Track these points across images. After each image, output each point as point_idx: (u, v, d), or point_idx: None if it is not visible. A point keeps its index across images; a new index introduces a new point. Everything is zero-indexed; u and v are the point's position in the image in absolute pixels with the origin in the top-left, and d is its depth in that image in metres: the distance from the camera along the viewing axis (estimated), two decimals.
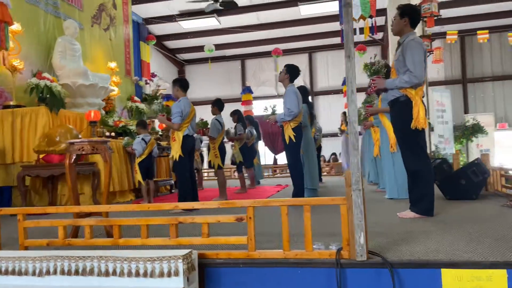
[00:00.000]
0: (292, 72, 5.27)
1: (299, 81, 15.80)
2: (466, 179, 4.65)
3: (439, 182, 4.91)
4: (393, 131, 3.92)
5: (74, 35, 7.80)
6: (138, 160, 6.26)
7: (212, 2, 9.95)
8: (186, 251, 2.39)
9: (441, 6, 8.77)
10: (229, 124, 7.44)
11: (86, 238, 2.71)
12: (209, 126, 6.58)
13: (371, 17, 3.78)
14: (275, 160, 15.44)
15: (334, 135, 14.00)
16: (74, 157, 3.37)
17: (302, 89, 5.82)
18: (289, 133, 5.04)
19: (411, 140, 3.60)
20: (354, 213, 2.32)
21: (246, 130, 7.63)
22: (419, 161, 3.62)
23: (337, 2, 11.87)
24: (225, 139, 6.73)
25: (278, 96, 16.24)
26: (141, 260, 2.34)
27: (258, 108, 14.75)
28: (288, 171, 12.95)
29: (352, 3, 3.73)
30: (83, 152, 3.39)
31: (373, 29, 3.68)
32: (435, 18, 8.01)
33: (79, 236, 3.35)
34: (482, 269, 2.16)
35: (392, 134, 4.92)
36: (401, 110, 3.62)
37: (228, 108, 16.47)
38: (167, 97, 12.18)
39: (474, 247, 2.50)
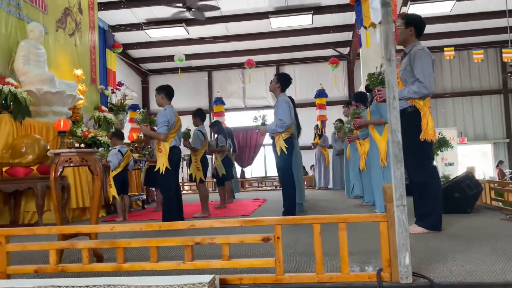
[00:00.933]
0: (283, 81, 5.08)
1: (267, 93, 15.76)
2: (460, 192, 4.61)
3: None
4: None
5: (39, 39, 7.25)
6: (113, 173, 5.82)
7: (183, 10, 9.64)
8: (209, 276, 2.09)
9: None
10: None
11: (83, 263, 2.34)
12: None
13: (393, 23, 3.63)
14: (242, 173, 15.15)
15: (303, 148, 13.92)
16: (60, 170, 2.98)
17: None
18: (280, 144, 4.82)
19: (420, 152, 3.48)
20: (398, 231, 2.11)
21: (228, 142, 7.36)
22: (428, 174, 3.51)
23: (309, 16, 12.02)
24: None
25: (246, 108, 16.06)
26: None
27: (228, 122, 14.49)
28: (256, 184, 12.70)
29: (372, 6, 3.63)
30: (71, 165, 3.00)
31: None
32: None
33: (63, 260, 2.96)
34: None
35: (382, 148, 4.81)
36: (409, 121, 3.49)
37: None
38: (133, 107, 11.70)
39: (510, 265, 2.36)
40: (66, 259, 3.06)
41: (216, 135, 7.06)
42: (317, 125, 11.05)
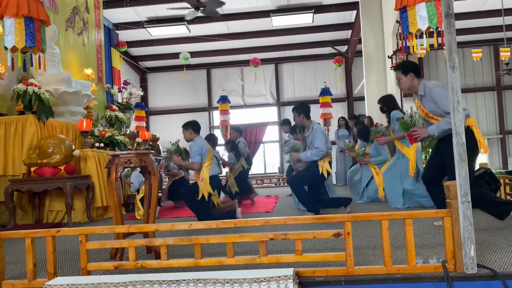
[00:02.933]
0: (304, 110, 5.18)
1: (266, 91, 15.86)
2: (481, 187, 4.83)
3: None
4: (445, 160, 3.80)
5: (54, 39, 7.27)
6: (139, 196, 5.90)
7: (193, 10, 9.70)
8: (291, 270, 2.25)
9: None
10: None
11: (162, 259, 2.47)
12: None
13: (437, 28, 3.80)
14: None
15: None
16: (120, 170, 3.09)
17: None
18: (326, 166, 4.98)
19: (470, 166, 3.61)
20: (463, 226, 2.30)
21: (239, 142, 7.46)
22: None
23: (310, 15, 12.19)
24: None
25: (245, 106, 16.17)
26: (246, 282, 2.16)
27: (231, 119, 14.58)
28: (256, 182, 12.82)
29: (419, 14, 3.80)
30: (131, 165, 3.12)
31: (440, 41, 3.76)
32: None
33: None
34: None
35: (412, 158, 4.99)
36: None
37: (193, 118, 16.14)
38: (138, 106, 11.74)
39: None
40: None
41: (228, 153, 7.18)
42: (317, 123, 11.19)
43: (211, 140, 6.06)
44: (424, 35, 3.96)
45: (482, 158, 15.81)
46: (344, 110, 15.76)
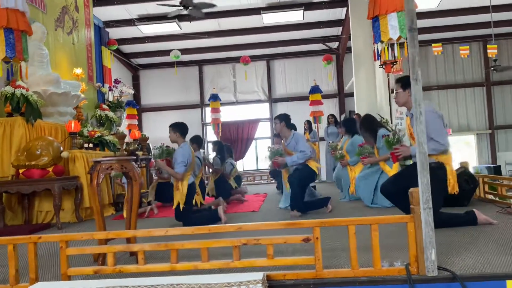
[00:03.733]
0: (285, 118, 5.34)
1: (258, 87, 15.95)
2: (459, 187, 4.95)
3: None
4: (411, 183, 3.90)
5: (42, 40, 7.32)
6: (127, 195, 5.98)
7: (181, 8, 9.74)
8: (261, 274, 2.36)
9: None
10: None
11: (139, 264, 2.58)
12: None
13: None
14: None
15: None
16: (102, 177, 3.19)
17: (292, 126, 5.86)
18: (315, 164, 5.20)
19: (436, 202, 3.71)
20: (425, 231, 2.41)
21: (226, 162, 7.51)
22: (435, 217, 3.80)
23: (300, 12, 12.26)
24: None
25: (237, 102, 16.25)
26: (217, 286, 2.27)
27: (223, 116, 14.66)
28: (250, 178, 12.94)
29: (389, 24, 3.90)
30: (112, 171, 3.22)
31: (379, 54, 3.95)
32: None
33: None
34: None
35: None
36: (433, 175, 3.57)
37: (185, 115, 16.25)
38: (129, 104, 11.80)
39: None
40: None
41: (214, 154, 7.24)
42: (307, 121, 11.31)
43: (197, 142, 6.15)
44: (395, 44, 4.05)
45: (464, 156, 16.03)
46: (336, 106, 15.89)
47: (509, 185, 4.98)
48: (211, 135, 15.87)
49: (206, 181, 7.73)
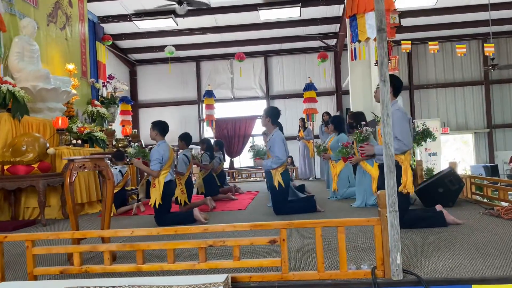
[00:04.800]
0: (272, 114, 5.27)
1: (255, 84, 15.91)
2: (444, 187, 4.94)
3: (417, 191, 5.17)
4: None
5: (33, 35, 7.30)
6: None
7: (174, 3, 9.70)
8: (223, 276, 2.34)
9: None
10: None
11: (105, 264, 2.56)
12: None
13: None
14: (231, 163, 15.38)
15: (288, 138, 14.21)
16: (75, 175, 3.17)
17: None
18: (278, 179, 5.07)
19: (398, 201, 3.69)
20: (391, 234, 2.39)
21: (216, 157, 7.49)
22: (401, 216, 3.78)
23: (297, 9, 12.19)
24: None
25: (235, 99, 16.21)
26: None
27: (216, 112, 14.62)
28: (246, 175, 12.92)
29: (368, 23, 3.85)
30: (85, 170, 3.19)
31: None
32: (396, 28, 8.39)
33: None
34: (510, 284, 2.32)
35: (375, 176, 5.06)
36: None
37: (182, 111, 16.20)
38: (124, 100, 11.78)
39: (491, 261, 2.66)
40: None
41: (202, 152, 7.20)
42: (302, 118, 11.27)
43: (185, 139, 6.12)
44: (373, 43, 4.00)
45: (462, 155, 15.99)
46: (333, 103, 15.83)
47: (494, 186, 4.94)
48: (208, 131, 15.85)
49: (194, 179, 7.70)
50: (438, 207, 3.97)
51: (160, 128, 4.93)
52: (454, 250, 2.98)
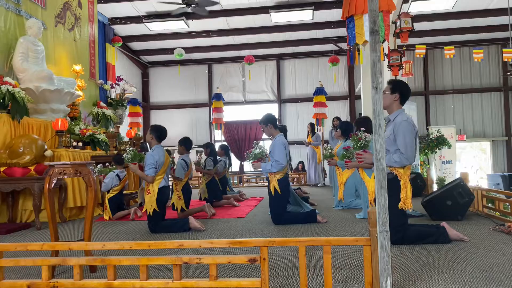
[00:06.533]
0: (271, 120, 5.10)
1: (267, 87, 15.74)
2: (452, 200, 4.67)
3: (425, 202, 4.91)
4: None
5: (38, 35, 7.26)
6: (108, 195, 5.88)
7: (184, 6, 9.60)
8: None
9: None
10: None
11: (75, 279, 2.40)
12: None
13: (384, 41, 3.63)
14: (241, 167, 15.23)
15: (300, 143, 14.01)
16: (54, 181, 3.03)
17: (281, 128, 5.61)
18: (274, 184, 4.88)
19: (396, 216, 3.46)
20: (381, 257, 2.17)
21: (220, 161, 7.32)
22: (399, 234, 3.55)
23: (310, 11, 11.98)
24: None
25: (246, 102, 16.06)
26: None
27: (227, 116, 14.50)
28: (255, 180, 12.73)
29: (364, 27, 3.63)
30: (65, 176, 3.05)
31: (386, 54, 3.64)
32: (409, 32, 8.12)
33: (56, 274, 3.03)
34: None
35: (371, 189, 4.83)
36: (388, 188, 3.32)
37: (194, 113, 16.13)
38: (133, 102, 11.73)
39: (494, 287, 2.42)
40: (60, 270, 3.14)
41: (206, 157, 7.03)
42: (310, 123, 11.02)
43: (185, 144, 5.96)
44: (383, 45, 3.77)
45: (472, 164, 15.48)
46: (346, 108, 15.53)
47: (507, 200, 4.64)
48: (219, 134, 15.73)
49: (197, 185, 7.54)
50: (442, 224, 3.72)
51: (157, 133, 4.78)
52: (455, 272, 2.74)
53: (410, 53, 13.22)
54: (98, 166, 6.06)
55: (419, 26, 11.24)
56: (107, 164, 6.35)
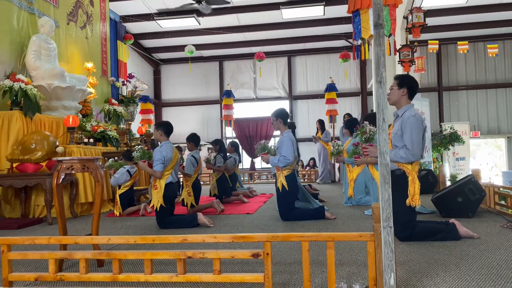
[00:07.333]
0: (282, 115, 5.08)
1: (278, 84, 15.70)
2: (463, 196, 4.60)
3: (435, 199, 4.85)
4: None
5: (50, 33, 7.34)
6: (119, 191, 5.94)
7: (193, 2, 9.62)
8: None
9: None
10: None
11: (81, 272, 2.43)
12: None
13: (390, 35, 3.58)
14: (252, 164, 15.23)
15: (311, 140, 13.95)
16: (62, 177, 3.07)
17: (289, 125, 5.58)
18: (282, 180, 4.86)
19: (403, 212, 3.43)
20: (384, 252, 2.15)
21: (230, 158, 7.34)
22: (408, 231, 3.51)
23: (321, 7, 11.90)
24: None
25: (257, 99, 16.05)
26: None
27: (238, 113, 14.53)
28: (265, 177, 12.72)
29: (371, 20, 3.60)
30: (73, 171, 3.09)
31: (398, 50, 3.58)
32: (421, 27, 8.01)
33: (65, 268, 3.07)
34: None
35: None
36: (396, 183, 3.02)
37: (205, 110, 16.18)
38: (144, 99, 11.81)
39: (502, 285, 2.38)
40: (69, 264, 3.18)
41: (215, 154, 7.04)
42: (319, 120, 10.94)
43: (193, 140, 5.99)
44: (393, 39, 3.72)
45: (488, 161, 15.23)
46: (358, 105, 15.43)
47: None
48: (229, 131, 15.76)
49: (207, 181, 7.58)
50: (452, 221, 3.67)
51: (164, 128, 4.82)
52: (463, 269, 2.70)
53: (423, 49, 13.06)
54: (110, 160, 6.12)
55: (431, 21, 11.08)
56: (116, 158, 6.40)
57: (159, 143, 4.88)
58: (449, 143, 11.31)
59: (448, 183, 7.49)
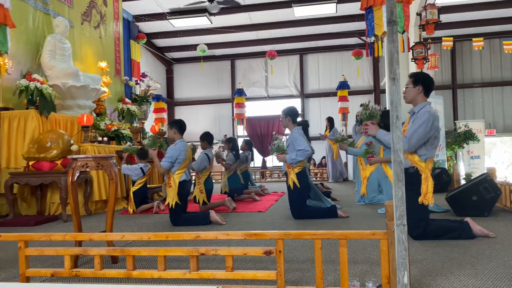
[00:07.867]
0: (292, 113, 5.08)
1: (290, 82, 15.66)
2: (478, 195, 4.55)
3: (449, 198, 4.81)
4: None
5: (65, 33, 7.44)
6: (133, 188, 6.01)
7: (205, 1, 9.65)
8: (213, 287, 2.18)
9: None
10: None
11: (96, 268, 2.47)
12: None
13: (403, 32, 3.55)
14: (264, 162, 15.24)
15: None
16: (77, 174, 3.11)
17: (303, 124, 5.58)
18: (292, 177, 4.86)
19: (416, 210, 3.40)
20: (398, 250, 2.13)
21: (242, 155, 7.35)
22: (420, 230, 3.48)
23: (333, 5, 11.83)
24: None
25: (268, 97, 16.05)
26: None
27: (250, 111, 14.54)
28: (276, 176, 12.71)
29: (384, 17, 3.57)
30: (87, 169, 3.13)
31: (411, 47, 3.55)
32: (435, 24, 7.91)
33: (80, 264, 3.11)
34: None
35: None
36: (409, 181, 3.02)
37: (217, 109, 16.21)
38: (157, 98, 11.89)
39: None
40: (84, 261, 3.23)
41: (228, 152, 7.06)
42: (328, 118, 10.88)
43: (207, 139, 6.02)
44: (406, 36, 3.68)
45: (503, 160, 14.98)
46: (371, 103, 15.28)
47: None
48: (241, 130, 15.78)
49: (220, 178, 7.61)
50: (466, 219, 3.63)
51: (178, 126, 4.86)
52: (478, 269, 2.67)
53: (437, 46, 12.91)
54: (126, 144, 6.21)
55: (446, 17, 10.97)
56: (129, 143, 6.50)
57: (171, 142, 4.92)
58: (464, 141, 11.18)
59: (463, 182, 7.40)
